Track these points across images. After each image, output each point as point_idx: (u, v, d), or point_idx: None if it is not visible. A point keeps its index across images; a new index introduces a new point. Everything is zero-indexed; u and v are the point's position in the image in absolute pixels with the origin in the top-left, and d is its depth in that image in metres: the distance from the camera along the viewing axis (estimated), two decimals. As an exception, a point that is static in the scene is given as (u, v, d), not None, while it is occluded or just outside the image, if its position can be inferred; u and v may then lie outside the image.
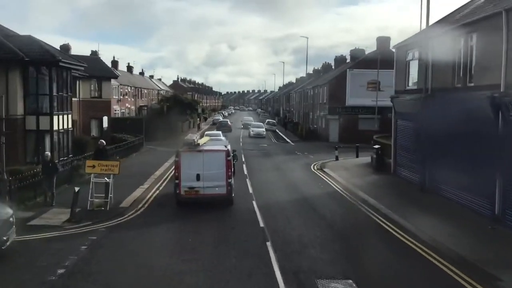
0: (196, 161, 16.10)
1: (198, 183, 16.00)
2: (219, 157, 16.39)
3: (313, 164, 29.46)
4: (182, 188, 16.05)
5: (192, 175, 15.98)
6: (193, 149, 16.66)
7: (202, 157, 16.18)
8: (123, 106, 61.89)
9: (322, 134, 49.98)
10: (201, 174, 16.01)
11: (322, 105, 50.68)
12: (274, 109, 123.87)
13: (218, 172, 16.10)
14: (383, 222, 14.73)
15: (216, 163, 16.21)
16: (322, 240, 12.51)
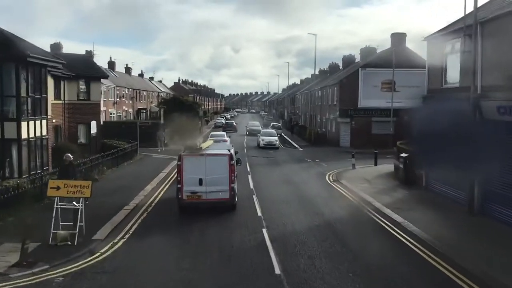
0: (199, 165, 15.76)
1: (201, 188, 15.65)
2: (222, 161, 16.01)
3: (327, 174, 25.92)
4: (185, 192, 15.69)
5: (194, 180, 15.65)
6: (195, 153, 16.20)
7: (204, 161, 15.84)
8: (120, 109, 58.51)
9: (332, 138, 46.37)
10: (204, 178, 15.64)
11: (332, 107, 47.10)
12: (278, 112, 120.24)
13: (221, 176, 15.72)
14: (450, 271, 10.45)
15: (219, 167, 15.83)
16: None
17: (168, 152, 36.34)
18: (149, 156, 33.42)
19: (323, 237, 12.96)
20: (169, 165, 28.86)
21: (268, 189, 20.60)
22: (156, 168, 27.14)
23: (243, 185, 21.38)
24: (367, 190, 20.24)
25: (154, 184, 21.80)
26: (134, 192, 19.11)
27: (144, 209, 16.47)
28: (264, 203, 17.33)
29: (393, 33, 43.96)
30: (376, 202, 17.64)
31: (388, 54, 42.64)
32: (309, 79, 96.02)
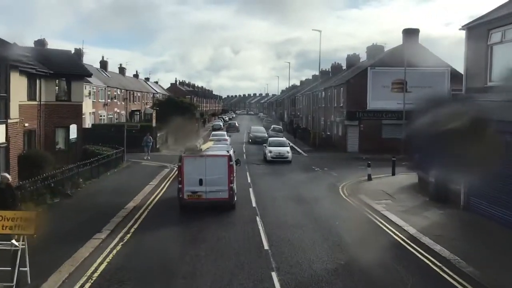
0: (199, 166, 16.29)
1: (201, 188, 16.22)
2: (222, 162, 16.51)
3: (340, 186, 22.55)
4: (185, 192, 16.29)
5: (195, 180, 16.17)
6: (196, 154, 16.65)
7: (204, 162, 16.36)
8: (111, 111, 55.07)
9: (338, 142, 43.00)
10: (204, 178, 16.17)
11: (338, 109, 43.73)
12: (277, 113, 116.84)
13: (220, 177, 16.24)
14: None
15: (219, 168, 16.33)
16: None
17: (158, 158, 32.97)
18: (137, 163, 29.98)
19: (355, 287, 9.52)
20: (158, 174, 25.45)
21: (274, 208, 17.14)
22: (143, 178, 23.70)
23: (244, 201, 18.00)
24: (392, 209, 16.84)
25: (139, 199, 18.32)
26: (112, 211, 15.62)
27: (120, 237, 13.02)
28: (271, 229, 13.87)
29: (405, 28, 40.65)
30: (409, 227, 14.23)
31: (399, 52, 39.36)
32: (309, 80, 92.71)
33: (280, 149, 32.82)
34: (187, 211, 16.24)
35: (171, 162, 31.08)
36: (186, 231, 13.87)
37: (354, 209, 17.45)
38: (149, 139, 33.78)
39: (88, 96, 45.81)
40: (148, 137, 33.97)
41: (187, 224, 14.70)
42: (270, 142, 34.61)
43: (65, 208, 16.57)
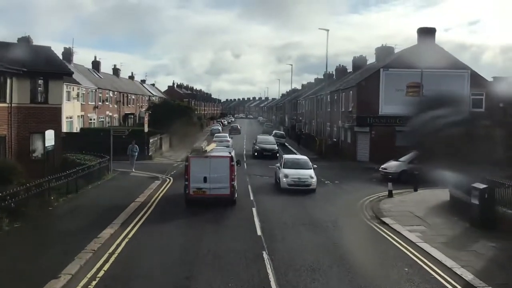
0: (204, 166, 18.13)
1: (205, 185, 18.00)
2: (224, 162, 18.38)
3: (359, 204, 19.34)
4: (191, 188, 18.08)
5: (200, 178, 17.98)
6: (201, 155, 18.64)
7: (209, 162, 18.24)
8: (102, 114, 51.79)
9: (347, 150, 39.75)
10: (208, 176, 17.97)
11: (346, 114, 40.49)
12: (277, 118, 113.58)
13: (222, 175, 18.06)
14: None
15: (221, 167, 18.19)
16: None
17: (149, 168, 29.70)
18: (125, 174, 26.65)
19: None
20: (148, 187, 22.16)
21: (285, 239, 13.76)
22: (129, 193, 20.39)
23: (246, 227, 14.75)
24: (430, 239, 13.55)
25: (117, 225, 14.98)
26: (79, 244, 12.30)
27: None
28: (284, 275, 10.53)
29: (420, 28, 37.46)
30: (462, 270, 10.93)
31: (414, 52, 36.21)
32: (311, 83, 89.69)
33: (301, 173, 22.77)
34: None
35: (163, 172, 27.84)
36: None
37: (382, 238, 14.12)
38: (134, 147, 28.93)
39: (76, 98, 42.59)
40: (134, 145, 29.04)
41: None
42: (286, 162, 24.01)
43: (23, 235, 13.28)
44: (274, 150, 38.56)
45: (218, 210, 17.37)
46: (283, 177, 22.44)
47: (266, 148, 38.77)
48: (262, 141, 40.93)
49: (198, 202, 17.99)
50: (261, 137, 43.46)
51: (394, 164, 27.71)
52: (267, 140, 41.69)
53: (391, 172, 26.66)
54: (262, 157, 37.25)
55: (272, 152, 37.85)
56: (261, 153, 38.15)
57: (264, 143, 40.16)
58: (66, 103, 40.65)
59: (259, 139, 41.57)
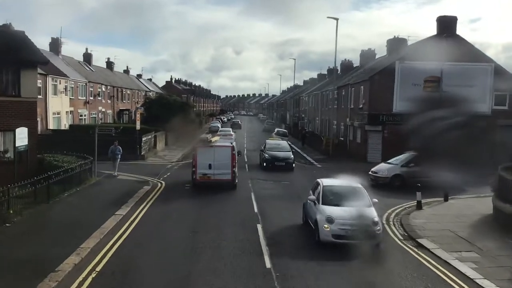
0: (209, 154, 20.95)
1: (210, 171, 20.78)
2: (226, 151, 21.28)
3: (384, 219, 16.18)
4: (198, 174, 20.89)
5: (205, 165, 20.75)
6: (206, 145, 22.23)
7: (213, 151, 21.18)
8: (94, 109, 48.55)
9: (356, 150, 36.60)
10: (212, 164, 20.75)
11: (356, 111, 37.33)
12: (278, 115, 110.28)
13: (225, 163, 20.84)
14: None
15: (224, 156, 20.97)
16: None
17: (140, 170, 26.55)
18: (111, 177, 23.42)
19: None
20: (133, 196, 18.96)
21: (301, 274, 10.61)
22: (110, 203, 17.24)
23: (252, 253, 11.56)
24: (492, 274, 10.43)
25: (85, 253, 11.82)
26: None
27: None
28: None
29: (440, 16, 34.19)
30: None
31: (434, 43, 33.04)
32: (314, 79, 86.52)
33: (354, 214, 12.88)
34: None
35: (155, 175, 24.70)
36: None
37: (429, 272, 10.94)
38: (117, 149, 24.51)
39: (63, 92, 39.37)
40: (116, 146, 24.58)
41: None
42: (326, 191, 14.07)
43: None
44: (289, 159, 29.38)
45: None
46: (323, 222, 12.67)
47: (279, 156, 29.20)
48: (273, 146, 30.94)
49: (204, 186, 20.88)
50: (272, 142, 32.88)
51: (385, 167, 24.80)
52: (279, 145, 31.41)
53: (382, 176, 23.96)
54: (273, 169, 28.29)
55: (287, 162, 29.00)
56: (271, 163, 28.75)
57: (276, 149, 30.36)
58: (52, 98, 37.56)
59: (269, 144, 31.57)
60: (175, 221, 15.13)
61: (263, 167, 29.15)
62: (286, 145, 31.93)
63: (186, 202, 18.50)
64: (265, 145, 31.66)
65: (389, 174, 23.77)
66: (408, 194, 20.25)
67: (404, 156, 25.25)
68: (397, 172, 23.68)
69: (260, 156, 31.53)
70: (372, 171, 24.84)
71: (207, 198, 19.24)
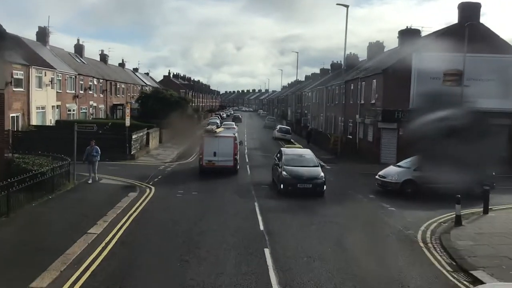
0: (214, 143, 23.88)
1: (214, 158, 23.62)
2: (229, 141, 24.30)
3: (418, 238, 13.23)
4: (204, 160, 23.79)
5: (210, 152, 23.65)
6: (212, 135, 24.84)
7: (217, 140, 24.13)
8: (85, 104, 45.40)
9: (367, 150, 33.56)
10: (217, 152, 23.61)
11: (366, 107, 34.29)
12: (279, 111, 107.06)
13: (228, 151, 23.82)
14: None
15: (227, 145, 23.95)
16: None
17: (129, 171, 23.61)
18: (94, 182, 20.32)
19: None
20: (117, 205, 15.96)
21: None
22: (86, 216, 14.21)
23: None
24: None
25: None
26: None
27: None
28: None
29: (462, 2, 31.05)
30: None
31: (456, 31, 29.97)
32: (316, 74, 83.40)
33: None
34: None
35: (145, 178, 21.67)
36: None
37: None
38: (94, 150, 20.50)
39: (49, 85, 36.24)
40: (93, 147, 20.57)
41: None
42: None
43: None
44: (317, 178, 19.31)
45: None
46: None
47: (303, 174, 19.37)
48: (293, 159, 20.81)
49: (209, 171, 23.49)
50: (291, 152, 22.13)
51: (394, 171, 21.43)
52: (301, 156, 21.37)
53: (391, 181, 20.67)
54: (294, 194, 18.83)
55: (315, 183, 19.13)
56: (292, 185, 19.04)
57: (298, 163, 20.42)
58: (36, 91, 34.43)
59: (287, 155, 21.05)
60: (160, 246, 12.05)
61: (280, 190, 19.14)
62: (311, 156, 21.31)
63: (177, 215, 15.45)
64: (281, 155, 21.06)
65: (400, 179, 20.48)
66: (428, 203, 17.62)
67: (416, 158, 22.13)
68: (408, 177, 20.36)
69: (274, 172, 21.67)
70: (379, 175, 21.56)
71: (203, 211, 16.18)
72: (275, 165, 21.79)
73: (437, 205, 17.47)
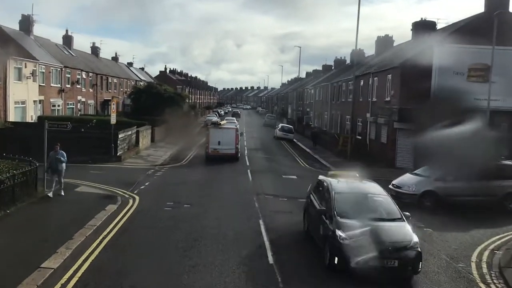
0: (218, 134, 27.81)
1: (219, 146, 27.56)
2: (231, 131, 28.28)
3: (472, 272, 10.12)
4: (210, 149, 27.74)
5: (215, 142, 27.60)
6: (216, 127, 28.50)
7: (221, 131, 27.98)
8: (72, 99, 42.14)
9: (380, 152, 30.42)
10: (221, 141, 27.59)
11: (379, 105, 31.14)
12: (279, 109, 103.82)
13: (230, 140, 27.76)
14: None
15: (230, 135, 27.99)
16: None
17: (112, 176, 20.31)
18: (67, 189, 16.98)
19: None
20: (88, 223, 12.78)
21: None
22: (46, 240, 11.06)
23: None
24: None
25: None
26: None
27: None
28: None
29: (490, -11, 27.90)
30: None
31: (480, 23, 26.85)
32: (318, 71, 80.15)
33: None
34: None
35: (130, 186, 18.50)
36: None
37: None
38: (60, 155, 15.95)
39: (30, 77, 32.95)
40: (58, 152, 15.99)
41: None
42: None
43: None
44: (407, 247, 9.82)
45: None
46: None
47: (381, 241, 9.69)
48: (354, 205, 10.95)
49: (214, 158, 27.07)
50: (346, 189, 11.72)
51: (411, 180, 18.09)
52: (368, 199, 11.43)
53: (407, 192, 17.46)
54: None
55: (403, 258, 9.68)
56: (359, 263, 9.45)
57: (364, 213, 10.57)
58: (15, 84, 31.15)
59: (339, 194, 11.29)
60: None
61: (333, 265, 9.90)
62: (385, 198, 11.57)
63: (163, 238, 12.25)
64: (325, 191, 11.96)
65: (418, 190, 17.31)
66: (462, 221, 14.93)
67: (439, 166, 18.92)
68: (428, 188, 17.26)
69: (310, 219, 12.46)
70: (393, 185, 18.34)
71: (196, 235, 12.99)
72: (310, 206, 12.61)
73: (476, 223, 14.82)
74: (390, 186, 18.30)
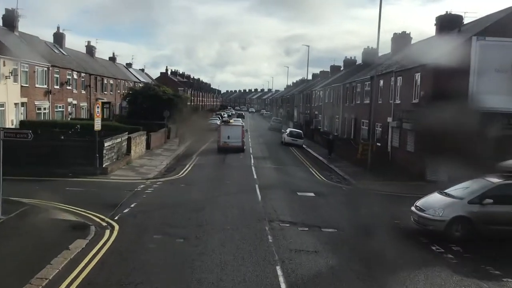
0: (228, 129, 34.93)
1: (228, 140, 34.15)
2: (238, 128, 35.46)
3: None
4: (221, 142, 34.39)
5: (225, 136, 34.33)
6: (226, 124, 36.40)
7: (230, 128, 35.30)
8: (61, 102, 38.50)
9: (406, 162, 26.57)
10: (230, 135, 34.27)
11: (404, 108, 27.30)
12: (284, 111, 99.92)
13: (237, 135, 34.62)
14: None
15: (237, 131, 34.98)
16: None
17: (89, 195, 16.34)
18: (29, 214, 13.19)
19: None
20: (38, 274, 8.90)
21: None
22: None
23: None
24: None
25: None
26: None
27: None
28: None
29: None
30: None
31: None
32: (325, 72, 76.48)
33: None
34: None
35: (111, 208, 14.78)
36: None
37: None
38: None
39: (9, 77, 29.30)
40: None
41: None
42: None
43: None
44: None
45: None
46: None
47: None
48: None
49: (224, 149, 33.70)
50: None
51: (439, 202, 13.91)
52: None
53: (433, 218, 13.36)
54: None
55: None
56: None
57: None
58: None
59: None
60: None
61: None
62: None
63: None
64: None
65: (447, 215, 13.16)
66: None
67: (476, 184, 14.75)
68: (459, 213, 13.15)
69: None
70: (416, 207, 14.20)
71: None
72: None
73: None
74: (413, 208, 14.35)
